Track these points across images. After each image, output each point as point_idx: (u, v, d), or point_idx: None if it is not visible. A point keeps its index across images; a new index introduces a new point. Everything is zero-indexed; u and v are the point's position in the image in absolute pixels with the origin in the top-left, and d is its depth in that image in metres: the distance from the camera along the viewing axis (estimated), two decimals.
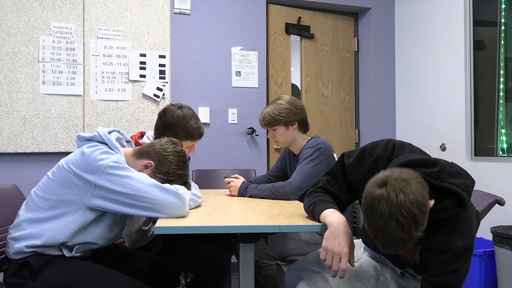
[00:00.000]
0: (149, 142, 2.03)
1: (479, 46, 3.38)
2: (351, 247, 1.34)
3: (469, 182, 1.31)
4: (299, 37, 3.91)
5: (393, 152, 1.41)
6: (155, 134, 2.19)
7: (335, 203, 1.51)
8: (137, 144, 2.05)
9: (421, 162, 1.30)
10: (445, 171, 1.29)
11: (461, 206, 1.26)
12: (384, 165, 1.38)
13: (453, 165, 1.33)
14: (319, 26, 3.99)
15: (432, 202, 1.20)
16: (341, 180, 1.52)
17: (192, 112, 2.14)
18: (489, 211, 1.67)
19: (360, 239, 1.80)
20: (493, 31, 3.32)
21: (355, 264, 1.53)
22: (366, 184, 1.23)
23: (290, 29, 3.83)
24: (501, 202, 1.67)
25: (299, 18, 3.88)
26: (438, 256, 1.28)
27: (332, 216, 1.38)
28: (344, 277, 1.30)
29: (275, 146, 3.72)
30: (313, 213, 1.47)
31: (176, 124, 2.06)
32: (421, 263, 1.39)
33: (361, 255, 1.75)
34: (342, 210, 1.51)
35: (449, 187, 1.26)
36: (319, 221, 1.43)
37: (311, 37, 3.93)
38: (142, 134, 2.24)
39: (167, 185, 1.57)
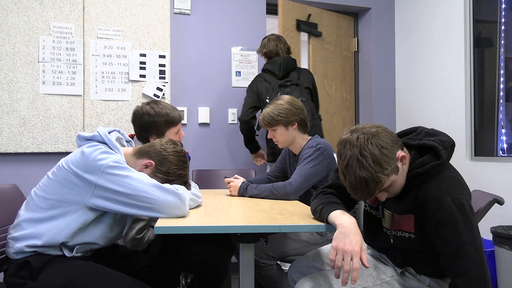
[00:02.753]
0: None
1: (479, 46, 3.38)
2: (363, 246, 1.34)
3: (446, 139, 1.40)
4: (307, 35, 3.79)
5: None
6: (140, 139, 2.15)
7: (347, 197, 1.52)
8: None
9: (405, 132, 1.46)
10: (423, 132, 1.43)
11: (436, 158, 1.35)
12: None
13: (433, 129, 1.45)
14: (325, 25, 3.91)
15: (401, 153, 1.33)
16: None
17: (160, 102, 2.16)
18: (488, 210, 1.67)
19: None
20: (493, 31, 3.32)
21: None
22: None
23: (301, 26, 3.69)
24: (500, 202, 1.67)
25: (309, 15, 3.75)
26: (433, 219, 1.32)
27: (342, 217, 1.38)
28: (357, 279, 1.29)
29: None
30: (321, 214, 1.48)
31: (152, 120, 2.07)
32: (418, 240, 1.41)
33: None
34: (352, 204, 1.57)
35: (425, 143, 1.38)
36: (327, 223, 1.43)
37: (319, 35, 3.82)
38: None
39: (167, 185, 1.57)
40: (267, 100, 2.91)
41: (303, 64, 3.76)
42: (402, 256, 1.53)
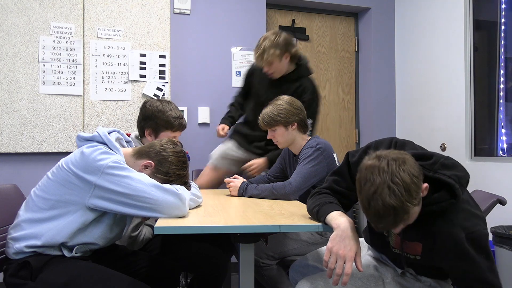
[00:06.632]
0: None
1: (479, 46, 3.38)
2: (357, 251, 1.33)
3: (462, 174, 1.32)
4: (293, 39, 3.94)
5: (395, 149, 1.41)
6: (137, 128, 2.24)
7: (342, 201, 1.51)
8: None
9: (417, 156, 1.33)
10: (439, 163, 1.32)
11: (453, 197, 1.27)
12: None
13: (448, 158, 1.35)
14: (316, 28, 4.03)
15: (425, 185, 1.24)
16: (347, 178, 1.52)
17: (174, 105, 2.20)
18: (490, 211, 1.67)
19: (363, 238, 1.80)
20: (493, 31, 3.32)
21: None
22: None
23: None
24: (502, 202, 1.68)
25: (293, 20, 3.94)
26: (448, 254, 1.27)
27: (339, 219, 1.37)
28: (347, 282, 1.29)
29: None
30: (318, 214, 1.47)
31: (155, 115, 2.13)
32: (423, 261, 1.39)
33: (363, 255, 1.75)
34: (348, 207, 1.53)
35: (441, 178, 1.28)
36: (324, 223, 1.43)
37: (306, 38, 3.96)
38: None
39: (166, 185, 1.57)
40: None
41: None
42: (403, 260, 1.52)
